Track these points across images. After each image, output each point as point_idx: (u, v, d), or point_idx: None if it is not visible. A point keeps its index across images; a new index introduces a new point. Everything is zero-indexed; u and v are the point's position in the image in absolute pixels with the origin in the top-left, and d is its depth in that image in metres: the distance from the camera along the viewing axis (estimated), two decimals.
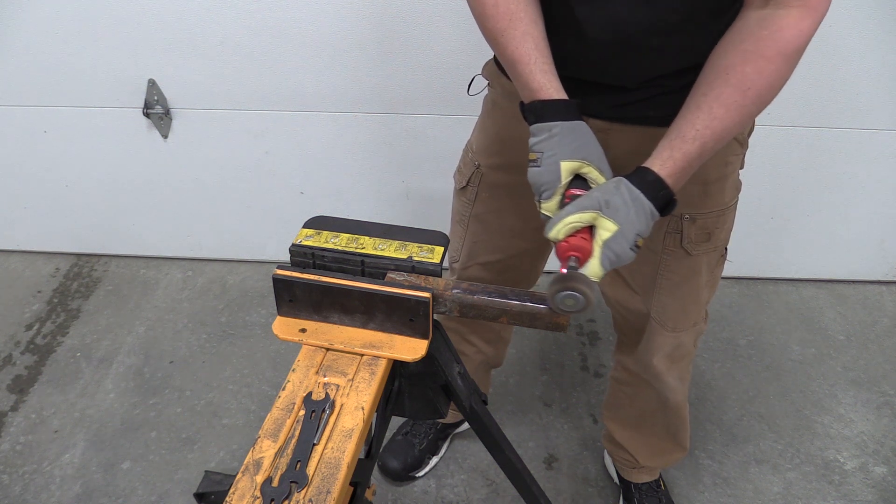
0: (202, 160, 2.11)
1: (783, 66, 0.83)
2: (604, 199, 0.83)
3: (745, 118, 0.86)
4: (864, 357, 2.02)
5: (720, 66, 0.85)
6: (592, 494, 1.66)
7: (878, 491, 1.66)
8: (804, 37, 0.82)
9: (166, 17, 1.84)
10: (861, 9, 1.72)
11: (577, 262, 0.83)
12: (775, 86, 0.85)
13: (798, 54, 0.83)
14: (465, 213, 1.28)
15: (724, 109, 0.84)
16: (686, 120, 0.86)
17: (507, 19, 0.92)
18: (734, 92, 0.83)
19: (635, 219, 0.83)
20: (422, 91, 1.92)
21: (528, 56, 0.92)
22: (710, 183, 1.10)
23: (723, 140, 0.86)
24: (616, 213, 0.83)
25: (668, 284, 1.19)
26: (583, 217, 0.83)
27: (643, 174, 0.85)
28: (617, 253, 0.83)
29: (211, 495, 0.81)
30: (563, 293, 0.79)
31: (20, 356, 1.98)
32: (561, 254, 0.85)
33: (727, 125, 0.85)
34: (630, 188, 0.84)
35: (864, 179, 2.05)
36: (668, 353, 1.28)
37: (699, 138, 0.84)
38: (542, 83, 0.91)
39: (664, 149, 0.86)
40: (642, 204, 0.84)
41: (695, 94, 0.87)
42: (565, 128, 0.89)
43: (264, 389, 1.89)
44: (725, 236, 1.18)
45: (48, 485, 1.64)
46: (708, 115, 0.84)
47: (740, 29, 0.85)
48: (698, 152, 0.85)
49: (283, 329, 0.87)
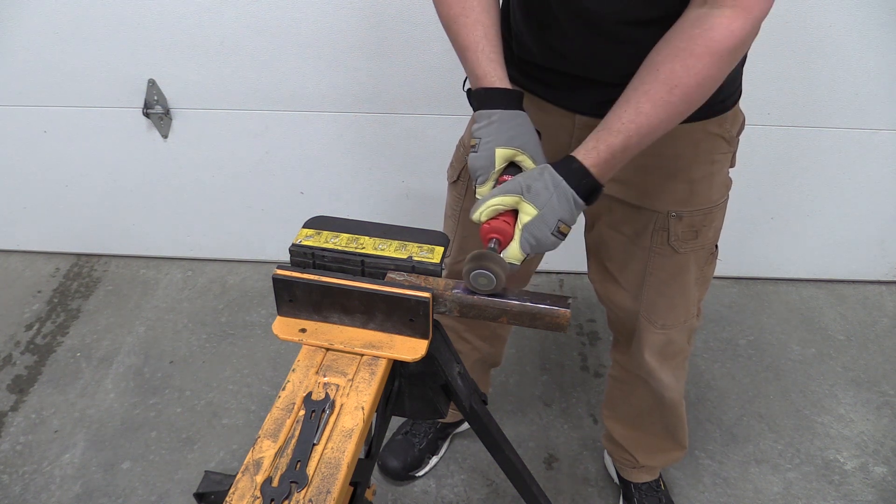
0: (202, 160, 2.11)
1: (711, 65, 0.83)
2: (526, 184, 0.86)
3: (672, 115, 0.86)
4: (864, 357, 2.02)
5: (653, 61, 0.86)
6: (592, 494, 1.66)
7: (878, 491, 1.66)
8: (734, 37, 0.82)
9: (166, 17, 1.84)
10: (861, 9, 1.72)
11: (498, 245, 0.86)
12: (703, 85, 0.85)
13: (729, 54, 0.83)
14: (457, 207, 1.29)
15: (651, 105, 0.85)
16: (614, 113, 0.87)
17: (460, 6, 0.95)
18: (661, 88, 0.84)
19: (557, 205, 0.85)
20: (422, 91, 1.92)
21: (477, 44, 0.94)
22: (695, 181, 1.10)
23: (649, 135, 0.87)
24: (537, 197, 0.85)
25: (656, 282, 1.19)
26: (505, 200, 0.86)
27: (568, 162, 0.87)
28: (537, 237, 0.85)
29: (211, 495, 0.81)
30: (476, 271, 0.82)
31: (20, 356, 1.98)
32: (483, 235, 0.88)
33: (652, 121, 0.85)
34: (553, 175, 0.86)
35: (864, 179, 2.05)
36: (659, 350, 1.29)
37: (623, 131, 0.85)
38: (486, 71, 0.93)
39: (591, 139, 0.88)
40: (564, 190, 0.85)
41: (629, 87, 0.88)
42: (504, 115, 0.91)
43: (264, 389, 1.89)
44: (714, 234, 1.19)
45: (48, 485, 1.65)
46: (635, 109, 0.85)
47: (677, 27, 0.85)
48: (622, 145, 0.86)
49: (283, 329, 0.87)
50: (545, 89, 1.09)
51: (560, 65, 1.04)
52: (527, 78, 1.11)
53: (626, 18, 0.93)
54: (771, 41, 1.77)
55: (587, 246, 1.29)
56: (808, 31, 1.77)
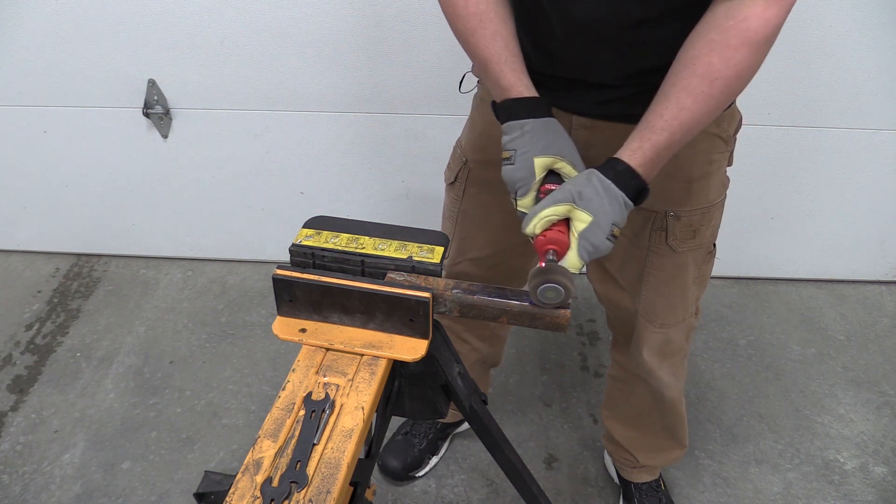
0: (202, 160, 2.11)
1: (749, 56, 0.83)
2: (577, 191, 0.85)
3: (713, 107, 0.86)
4: (864, 357, 2.02)
5: (688, 56, 0.86)
6: (592, 494, 1.66)
7: (878, 491, 1.66)
8: (770, 26, 0.82)
9: (166, 17, 1.84)
10: (861, 9, 1.72)
11: (556, 256, 0.85)
12: (742, 75, 0.85)
13: (765, 43, 0.84)
14: (454, 209, 1.29)
15: (692, 99, 0.85)
16: (654, 111, 0.87)
17: (477, 19, 0.94)
18: (701, 82, 0.84)
19: (609, 208, 0.84)
20: (422, 91, 1.92)
21: (499, 55, 0.93)
22: (693, 180, 1.10)
23: (692, 130, 0.87)
24: (589, 203, 0.84)
25: (655, 281, 1.19)
26: (557, 210, 0.85)
27: (614, 165, 0.86)
28: (594, 243, 0.85)
29: (211, 495, 0.81)
30: (544, 286, 0.80)
31: (20, 356, 1.98)
32: (539, 248, 0.87)
33: (695, 115, 0.85)
34: (602, 179, 0.85)
35: (864, 179, 2.05)
36: (658, 349, 1.29)
37: (667, 129, 0.85)
38: (512, 81, 0.93)
39: (634, 139, 0.87)
40: (614, 194, 0.85)
41: (664, 84, 0.88)
42: (537, 125, 0.90)
43: (264, 389, 1.89)
44: (712, 234, 1.19)
45: (48, 485, 1.64)
46: (676, 105, 0.85)
47: (708, 19, 0.85)
48: (667, 142, 0.86)
49: (283, 329, 0.87)
50: (543, 92, 1.09)
51: (557, 69, 1.04)
52: None
53: (622, 22, 0.92)
54: None
55: None
56: (808, 31, 1.77)
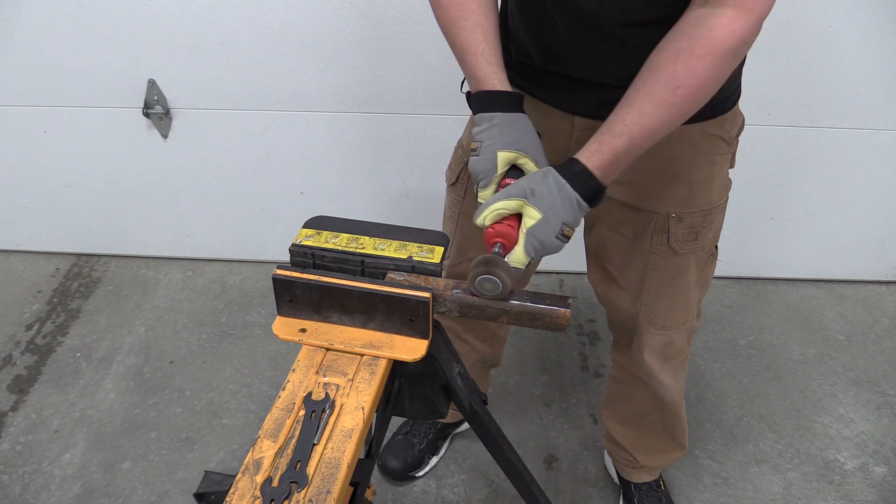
0: (202, 160, 2.11)
1: (713, 66, 0.83)
2: (530, 188, 0.85)
3: (675, 116, 0.86)
4: (864, 357, 2.02)
5: (654, 62, 0.86)
6: (592, 494, 1.66)
7: (878, 491, 1.66)
8: (736, 37, 0.81)
9: (166, 17, 1.84)
10: (861, 9, 1.72)
11: (503, 249, 0.86)
12: (706, 85, 0.84)
13: (731, 54, 0.83)
14: (455, 209, 1.29)
15: (654, 106, 0.84)
16: (617, 114, 0.87)
17: (458, 9, 0.95)
18: (664, 89, 0.84)
19: (560, 207, 0.85)
20: (422, 91, 1.92)
21: (476, 47, 0.94)
22: (695, 182, 1.10)
23: (653, 136, 0.87)
24: (541, 201, 0.84)
25: (656, 283, 1.19)
26: (508, 204, 0.85)
27: (571, 165, 0.87)
28: (541, 240, 0.85)
29: (211, 495, 0.81)
30: (481, 277, 0.81)
31: (20, 356, 1.98)
32: (487, 240, 0.88)
33: (655, 122, 0.85)
34: (556, 178, 0.86)
35: (864, 179, 2.05)
36: (659, 352, 1.29)
37: (626, 133, 0.85)
38: (486, 74, 0.93)
39: (594, 141, 0.87)
40: (568, 193, 0.85)
41: (630, 88, 0.88)
42: (506, 119, 0.91)
43: (264, 389, 1.89)
44: (714, 236, 1.19)
45: (48, 485, 1.64)
46: (637, 111, 0.85)
47: (678, 27, 0.85)
48: (626, 147, 0.85)
49: (283, 329, 0.87)
50: (544, 92, 1.09)
51: (559, 67, 1.04)
52: (526, 81, 1.10)
53: (625, 20, 0.92)
54: (771, 41, 1.76)
55: (587, 247, 1.29)
56: (808, 31, 1.77)
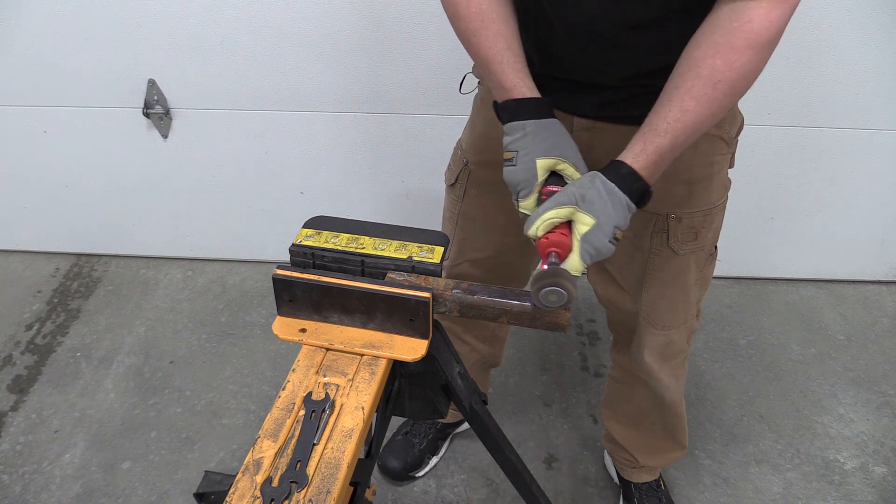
0: (202, 160, 2.11)
1: (753, 58, 0.83)
2: (579, 194, 0.84)
3: (716, 110, 0.86)
4: (864, 357, 2.02)
5: (691, 57, 0.85)
6: (592, 494, 1.66)
7: (878, 491, 1.66)
8: (773, 28, 0.82)
9: (166, 17, 1.84)
10: (861, 9, 1.72)
11: (558, 258, 0.85)
12: (746, 77, 0.84)
13: (769, 45, 0.83)
14: (455, 210, 1.29)
15: (695, 102, 0.84)
16: (658, 113, 0.86)
17: (479, 19, 0.94)
18: (705, 84, 0.83)
19: (612, 211, 0.84)
20: (422, 91, 1.92)
21: (501, 55, 0.93)
22: (695, 182, 1.10)
23: (695, 132, 0.86)
24: (592, 206, 0.84)
25: (656, 283, 1.19)
26: (560, 212, 0.85)
27: (617, 167, 0.86)
28: (596, 246, 0.84)
29: (211, 495, 0.81)
30: (546, 289, 0.80)
31: (20, 356, 1.98)
32: (541, 250, 0.86)
33: (698, 118, 0.85)
34: (605, 181, 0.85)
35: (864, 179, 2.05)
36: (659, 351, 1.29)
37: (670, 131, 0.85)
38: (514, 82, 0.93)
39: (637, 142, 0.87)
40: (618, 196, 0.85)
41: (667, 86, 0.87)
42: (539, 126, 0.90)
43: (264, 389, 1.89)
44: (714, 236, 1.19)
45: (48, 485, 1.64)
46: (679, 107, 0.85)
47: (712, 21, 0.85)
48: (670, 145, 0.85)
49: (283, 329, 0.87)
50: (544, 93, 1.09)
51: (558, 70, 1.03)
52: None
53: (622, 22, 0.92)
54: None
55: None
56: (808, 31, 1.77)
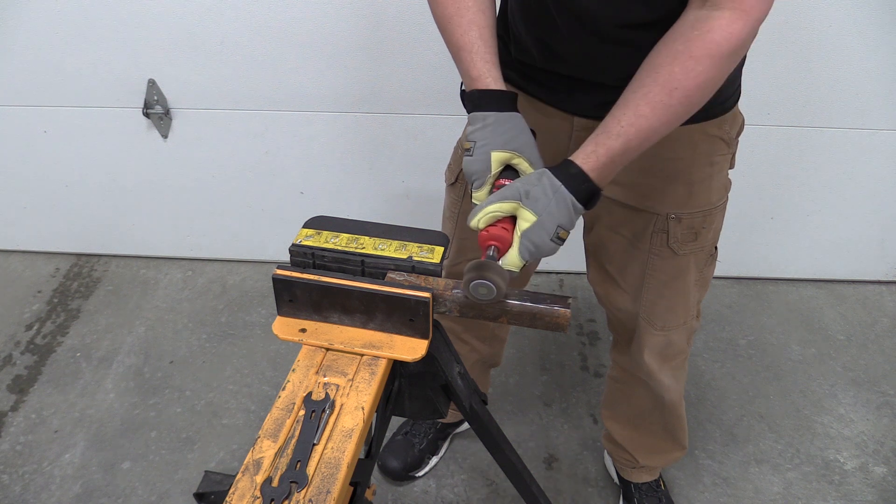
0: (202, 160, 2.11)
1: (710, 68, 0.82)
2: (524, 190, 0.85)
3: (671, 118, 0.85)
4: (864, 357, 2.02)
5: (651, 64, 0.85)
6: (592, 494, 1.66)
7: (878, 491, 1.66)
8: (734, 40, 0.81)
9: (166, 17, 1.84)
10: (861, 9, 1.72)
11: (497, 252, 0.86)
12: (703, 87, 0.84)
13: (728, 57, 0.82)
14: (455, 210, 1.29)
15: (650, 108, 0.84)
16: (613, 116, 0.86)
17: (454, 6, 0.95)
18: (661, 91, 0.83)
19: (555, 210, 0.84)
20: (422, 91, 1.92)
21: (472, 44, 0.94)
22: (694, 183, 1.10)
23: (649, 138, 0.86)
24: (536, 203, 0.84)
25: (656, 284, 1.19)
26: (503, 207, 0.85)
27: (566, 167, 0.86)
28: (536, 244, 0.85)
29: (211, 495, 0.81)
30: (475, 281, 0.81)
31: (20, 356, 1.98)
32: (481, 243, 0.87)
33: (652, 124, 0.85)
34: (552, 179, 0.85)
35: (864, 179, 2.05)
36: (658, 352, 1.29)
37: (623, 135, 0.84)
38: (481, 72, 0.93)
39: (589, 143, 0.87)
40: (563, 196, 0.84)
41: (626, 90, 0.87)
42: (500, 118, 0.90)
43: (264, 389, 1.89)
44: (714, 236, 1.19)
45: (48, 485, 1.65)
46: (634, 112, 0.84)
47: (675, 29, 0.85)
48: (622, 148, 0.85)
49: (283, 329, 0.87)
50: (544, 92, 1.09)
51: (559, 67, 1.04)
52: (526, 80, 1.10)
53: (624, 21, 0.92)
54: (771, 41, 1.76)
55: (586, 248, 1.29)
56: (808, 31, 1.77)
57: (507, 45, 1.10)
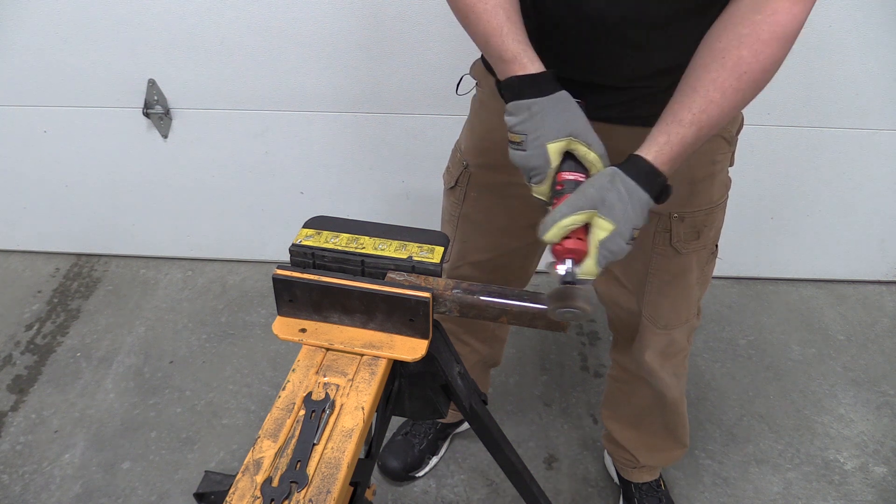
0: (202, 160, 2.11)
1: (778, 50, 0.83)
2: (599, 197, 0.80)
3: (739, 102, 0.85)
4: (864, 357, 2.02)
5: (715, 49, 0.84)
6: (592, 494, 1.66)
7: (878, 491, 1.66)
8: (797, 21, 0.82)
9: (166, 17, 1.84)
10: (861, 9, 1.72)
11: (573, 264, 0.82)
12: (769, 70, 0.84)
13: (792, 38, 0.84)
14: (455, 213, 1.29)
15: (720, 93, 0.82)
16: (682, 104, 0.83)
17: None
18: (730, 76, 0.82)
19: (633, 214, 0.81)
20: (422, 91, 1.92)
21: (500, 27, 0.87)
22: (697, 181, 1.10)
23: (718, 124, 0.85)
24: (612, 211, 0.80)
25: (659, 283, 1.19)
26: (577, 219, 0.80)
27: (638, 163, 0.82)
28: (613, 251, 0.81)
29: (211, 495, 0.81)
30: (562, 310, 0.79)
31: (20, 356, 1.98)
32: (557, 256, 0.83)
33: (723, 109, 0.83)
34: (626, 181, 0.81)
35: (864, 179, 2.05)
36: (660, 351, 1.29)
37: (696, 122, 0.82)
38: (515, 53, 0.86)
39: (660, 134, 0.83)
40: (639, 197, 0.81)
41: (689, 77, 0.85)
42: (545, 104, 0.84)
43: (264, 389, 1.89)
44: (715, 234, 1.19)
45: (48, 485, 1.64)
46: (704, 98, 0.82)
47: (734, 13, 0.84)
48: (694, 137, 0.83)
49: (283, 329, 0.87)
50: None
51: (562, 70, 1.03)
52: None
53: (633, 19, 0.91)
54: None
55: None
56: (808, 31, 1.75)
57: None
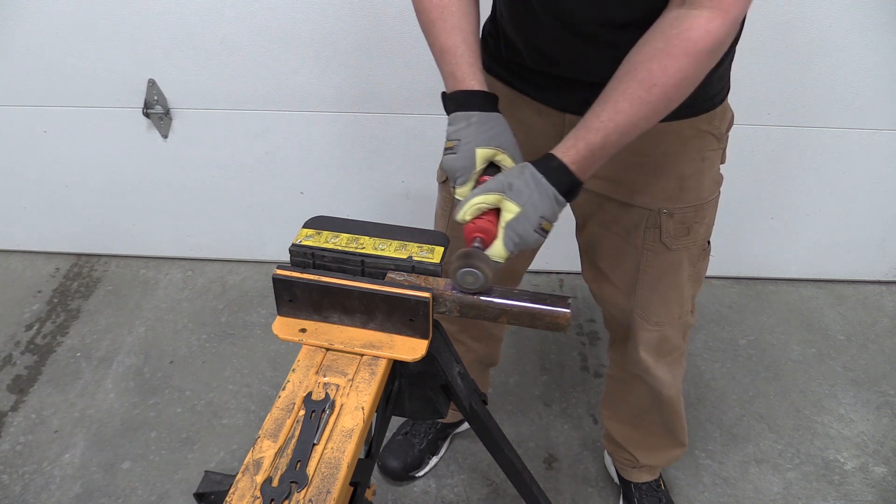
0: (202, 160, 2.11)
1: (689, 66, 0.84)
2: (507, 182, 0.87)
3: (650, 114, 0.87)
4: (864, 357, 2.02)
5: (631, 61, 0.87)
6: (592, 494, 1.66)
7: (878, 491, 1.66)
8: (711, 38, 0.82)
9: (166, 17, 1.84)
10: (861, 9, 1.72)
11: (482, 244, 0.87)
12: (681, 85, 0.85)
13: (706, 54, 0.84)
14: (447, 207, 1.30)
15: (628, 104, 0.85)
16: (593, 111, 0.88)
17: (439, 11, 0.97)
18: (639, 87, 0.85)
19: (538, 201, 0.86)
20: (422, 91, 1.92)
21: (456, 48, 0.96)
22: (685, 178, 1.11)
23: (628, 133, 0.88)
24: (519, 195, 0.86)
25: (649, 279, 1.20)
26: (487, 198, 0.87)
27: (547, 160, 0.88)
28: (520, 234, 0.86)
29: (211, 495, 0.81)
30: (463, 269, 0.83)
31: (20, 356, 1.98)
32: (466, 235, 0.89)
33: (631, 119, 0.86)
34: (533, 172, 0.87)
35: (864, 179, 2.05)
36: (654, 348, 1.29)
37: (602, 129, 0.86)
38: (465, 74, 0.95)
39: (570, 137, 0.89)
40: (545, 187, 0.86)
41: (607, 86, 0.89)
42: (482, 117, 0.93)
43: (264, 389, 1.89)
44: (706, 231, 1.20)
45: (48, 485, 1.64)
46: (613, 107, 0.86)
47: (656, 27, 0.86)
48: (601, 143, 0.87)
49: (283, 329, 0.87)
50: (535, 90, 1.11)
51: (547, 67, 1.05)
52: (517, 79, 1.12)
53: (604, 20, 0.94)
54: (771, 41, 1.77)
55: (579, 246, 1.30)
56: (808, 31, 1.77)
57: (499, 46, 1.11)
